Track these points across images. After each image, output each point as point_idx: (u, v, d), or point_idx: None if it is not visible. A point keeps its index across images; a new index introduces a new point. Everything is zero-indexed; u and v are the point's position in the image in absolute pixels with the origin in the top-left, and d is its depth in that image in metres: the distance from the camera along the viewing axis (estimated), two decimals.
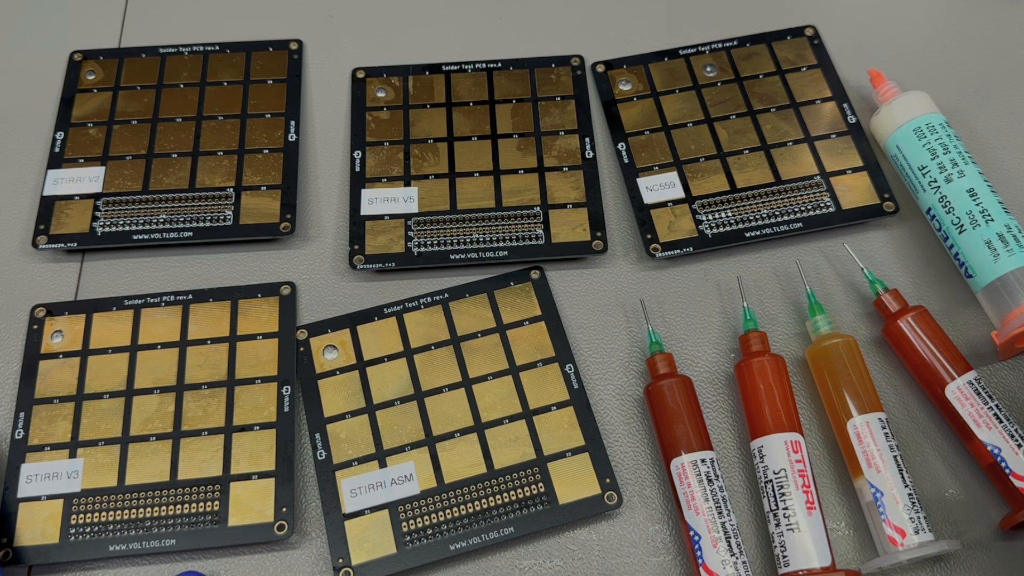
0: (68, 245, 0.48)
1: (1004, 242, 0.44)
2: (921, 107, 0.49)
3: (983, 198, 0.45)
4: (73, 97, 0.53)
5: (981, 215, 0.45)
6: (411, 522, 0.41)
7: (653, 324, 0.45)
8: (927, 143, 0.47)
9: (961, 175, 0.46)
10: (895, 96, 0.50)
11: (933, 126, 0.48)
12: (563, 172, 0.50)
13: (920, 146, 0.47)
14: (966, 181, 0.46)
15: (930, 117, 0.48)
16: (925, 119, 0.48)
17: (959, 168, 0.46)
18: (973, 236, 0.44)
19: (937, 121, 0.48)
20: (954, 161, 0.46)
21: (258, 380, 0.44)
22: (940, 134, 0.47)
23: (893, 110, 0.49)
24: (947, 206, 0.45)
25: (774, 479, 0.39)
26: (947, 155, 0.46)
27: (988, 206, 0.45)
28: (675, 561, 0.41)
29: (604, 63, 0.54)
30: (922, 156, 0.47)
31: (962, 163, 0.46)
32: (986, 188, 0.45)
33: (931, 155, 0.47)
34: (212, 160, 0.50)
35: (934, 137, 0.47)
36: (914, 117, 0.48)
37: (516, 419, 0.43)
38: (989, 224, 0.44)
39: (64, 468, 0.42)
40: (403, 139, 0.51)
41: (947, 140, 0.47)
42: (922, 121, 0.48)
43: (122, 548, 0.40)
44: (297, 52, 0.55)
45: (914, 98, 0.49)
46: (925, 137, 0.47)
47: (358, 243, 0.48)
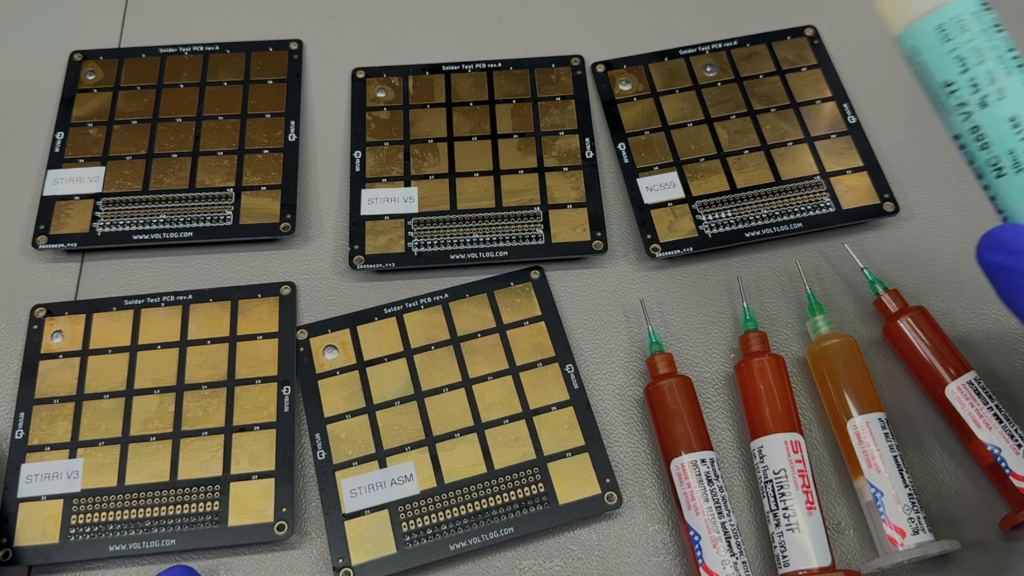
0: (68, 245, 0.48)
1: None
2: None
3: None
4: (73, 97, 0.53)
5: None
6: (411, 522, 0.41)
7: (653, 324, 0.45)
8: (954, 48, 0.34)
9: (1001, 96, 0.34)
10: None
11: (963, 20, 0.34)
12: (563, 172, 0.50)
13: (945, 52, 0.34)
14: (1007, 105, 0.34)
15: (959, 4, 0.34)
16: (952, 8, 0.34)
17: (998, 86, 0.34)
18: (1017, 183, 0.34)
19: (969, 9, 0.34)
20: (991, 75, 0.34)
21: (258, 380, 0.44)
22: (973, 30, 0.34)
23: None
24: (981, 140, 0.34)
25: (774, 479, 0.39)
26: (981, 65, 0.34)
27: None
28: (675, 561, 0.41)
29: (604, 63, 0.54)
30: (948, 67, 0.34)
31: (1003, 76, 0.34)
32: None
33: (960, 66, 0.34)
34: (212, 160, 0.50)
35: (964, 37, 0.34)
36: (938, 6, 0.34)
37: (516, 419, 0.43)
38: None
39: (64, 468, 0.42)
40: (403, 139, 0.51)
41: (983, 40, 0.34)
42: (948, 13, 0.34)
43: (122, 548, 0.40)
44: (297, 52, 0.55)
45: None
46: (951, 40, 0.34)
47: (358, 243, 0.48)
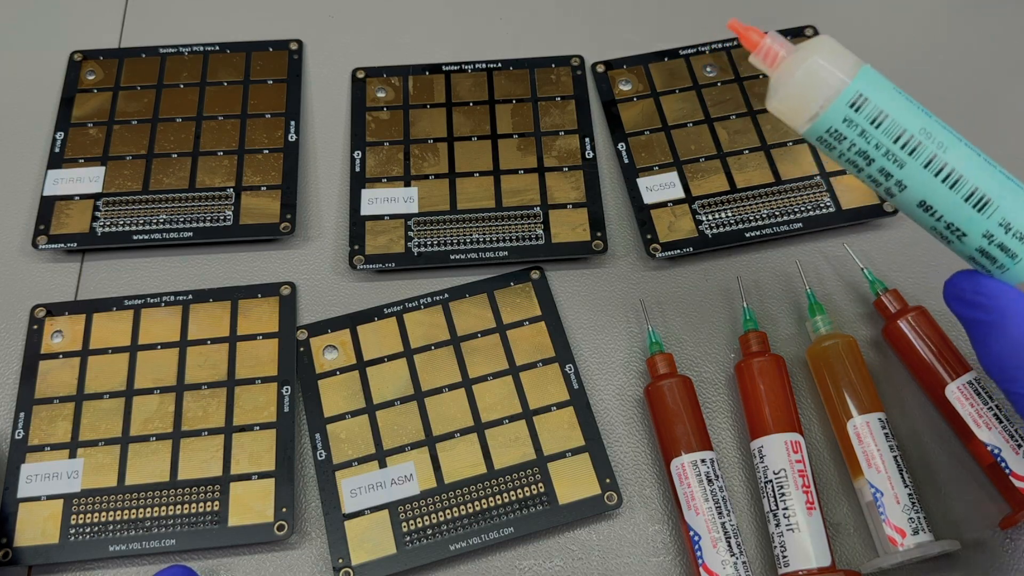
0: (68, 245, 0.48)
1: (989, 257, 0.33)
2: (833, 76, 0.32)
3: (942, 209, 0.32)
4: (73, 97, 0.53)
5: (949, 231, 0.33)
6: (411, 522, 0.41)
7: (653, 324, 0.45)
8: (840, 155, 0.33)
9: (901, 188, 0.32)
10: (787, 58, 0.33)
11: (836, 130, 0.32)
12: (563, 172, 0.50)
13: (837, 158, 0.33)
14: (911, 194, 0.32)
15: (827, 117, 0.32)
16: (822, 124, 0.32)
17: (895, 179, 0.32)
18: (954, 250, 0.34)
19: (839, 117, 0.32)
20: (884, 171, 0.32)
21: (258, 380, 0.44)
22: (850, 137, 0.32)
23: (793, 87, 0.32)
24: (911, 216, 0.34)
25: (774, 479, 0.39)
26: (872, 165, 0.32)
27: (954, 217, 0.32)
28: (675, 561, 0.40)
29: (604, 63, 0.54)
30: (848, 168, 0.33)
31: (897, 169, 0.32)
32: (942, 190, 0.32)
33: (855, 168, 0.33)
34: (212, 160, 0.50)
35: (844, 146, 0.32)
36: (809, 121, 0.32)
37: (516, 419, 0.43)
38: (963, 240, 0.33)
39: (64, 468, 0.42)
40: (403, 139, 0.51)
41: (863, 143, 0.32)
42: (820, 128, 0.32)
43: (122, 548, 0.40)
44: (297, 52, 0.55)
45: (817, 64, 0.32)
46: (835, 149, 0.32)
47: (358, 243, 0.48)
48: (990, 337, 0.35)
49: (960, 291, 0.36)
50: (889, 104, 0.32)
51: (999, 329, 0.34)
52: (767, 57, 0.33)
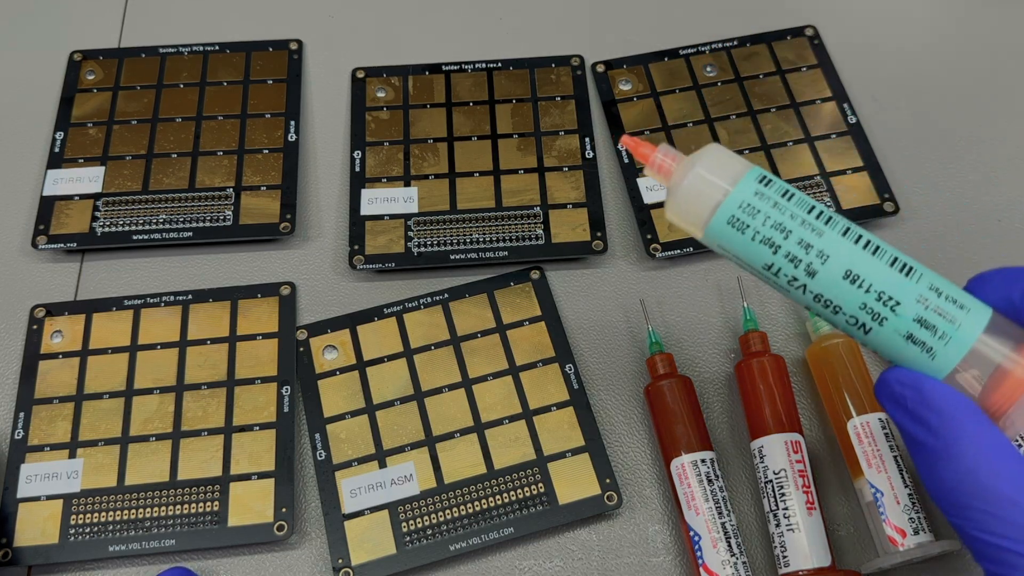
0: (68, 245, 0.48)
1: (929, 327, 0.30)
2: (723, 177, 0.31)
3: (872, 277, 0.30)
4: (73, 97, 0.53)
5: (881, 304, 0.30)
6: (411, 522, 0.41)
7: (653, 324, 0.45)
8: (755, 233, 0.31)
9: (824, 259, 0.30)
10: (674, 168, 0.33)
11: (749, 204, 0.31)
12: (563, 172, 0.50)
13: (748, 241, 0.31)
14: (833, 265, 0.30)
15: (741, 189, 0.31)
16: (733, 201, 0.31)
17: (816, 250, 0.30)
18: (884, 334, 0.30)
19: (750, 192, 0.31)
20: (804, 243, 0.30)
21: (258, 380, 0.44)
22: (764, 210, 0.31)
23: (683, 197, 0.32)
24: (829, 306, 0.31)
25: (774, 479, 0.39)
26: (789, 239, 0.31)
27: (886, 285, 0.30)
28: (675, 561, 0.40)
29: (604, 63, 0.54)
30: (760, 253, 0.31)
31: (816, 239, 0.30)
32: (865, 257, 0.30)
33: (770, 247, 0.31)
34: (212, 160, 0.50)
35: (759, 220, 0.31)
36: (716, 206, 0.31)
37: (516, 419, 0.43)
38: (897, 311, 0.30)
39: (64, 468, 0.42)
40: (403, 139, 0.51)
41: (777, 215, 0.31)
42: (731, 207, 0.31)
43: (122, 548, 0.40)
44: (297, 52, 0.55)
45: (707, 168, 0.32)
46: (748, 228, 0.31)
47: (358, 243, 0.48)
48: (939, 463, 0.29)
49: (899, 395, 0.30)
50: (791, 187, 0.32)
51: (949, 456, 0.29)
52: (660, 170, 0.33)
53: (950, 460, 0.29)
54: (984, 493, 0.29)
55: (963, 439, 0.29)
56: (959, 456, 0.29)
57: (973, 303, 0.30)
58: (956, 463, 0.29)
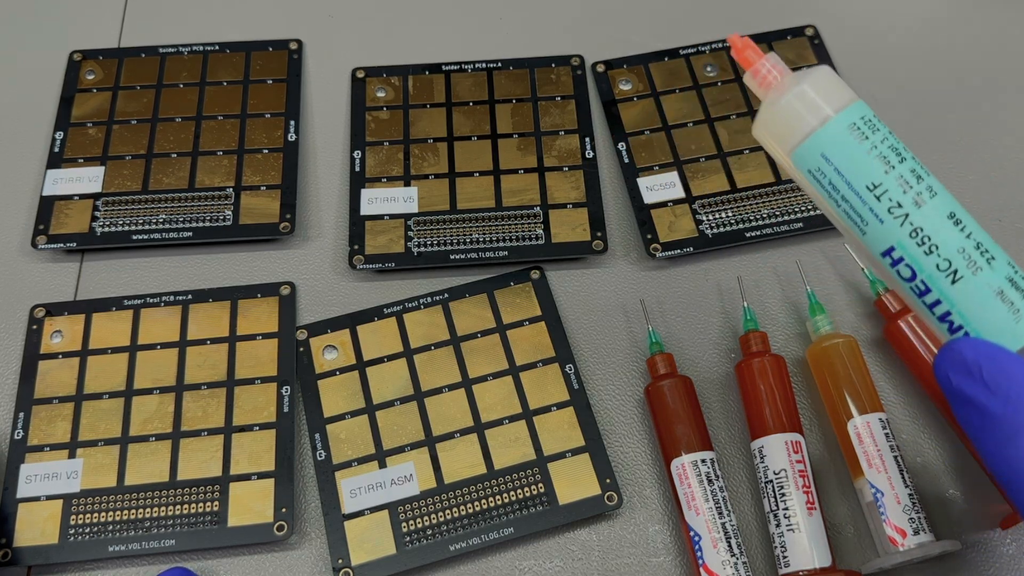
0: (67, 245, 0.48)
1: (1020, 289, 0.30)
2: (842, 92, 0.31)
3: (971, 226, 0.30)
4: (73, 97, 0.53)
5: (979, 253, 0.30)
6: (411, 522, 0.41)
7: (653, 324, 0.45)
8: (873, 146, 0.30)
9: (932, 193, 0.30)
10: (788, 78, 0.32)
11: (872, 119, 0.31)
12: (563, 172, 0.50)
13: (864, 152, 0.30)
14: (941, 202, 0.30)
15: (860, 106, 0.31)
16: (861, 107, 0.31)
17: (927, 183, 0.30)
18: (975, 286, 0.30)
19: (869, 113, 0.31)
20: (916, 173, 0.30)
21: (258, 380, 0.44)
22: (883, 130, 0.31)
23: (799, 100, 0.31)
24: (925, 243, 0.30)
25: (774, 479, 0.39)
26: (904, 163, 0.30)
27: (982, 238, 0.30)
28: (675, 562, 0.40)
29: (604, 63, 0.54)
30: (872, 168, 0.30)
31: (925, 174, 0.30)
32: (965, 212, 0.31)
33: (885, 165, 0.30)
34: (212, 160, 0.50)
35: (879, 136, 0.31)
36: (843, 107, 0.31)
37: (516, 419, 0.43)
38: (992, 265, 0.30)
39: (63, 468, 0.42)
40: (403, 139, 0.51)
41: (894, 139, 0.31)
42: (859, 111, 0.31)
43: (121, 548, 0.40)
44: (297, 52, 0.55)
45: (824, 78, 0.31)
46: (868, 138, 0.30)
47: (358, 243, 0.48)
48: (1017, 437, 0.28)
49: (972, 364, 0.29)
50: None
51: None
52: (762, 82, 0.32)
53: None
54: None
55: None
56: None
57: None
58: None
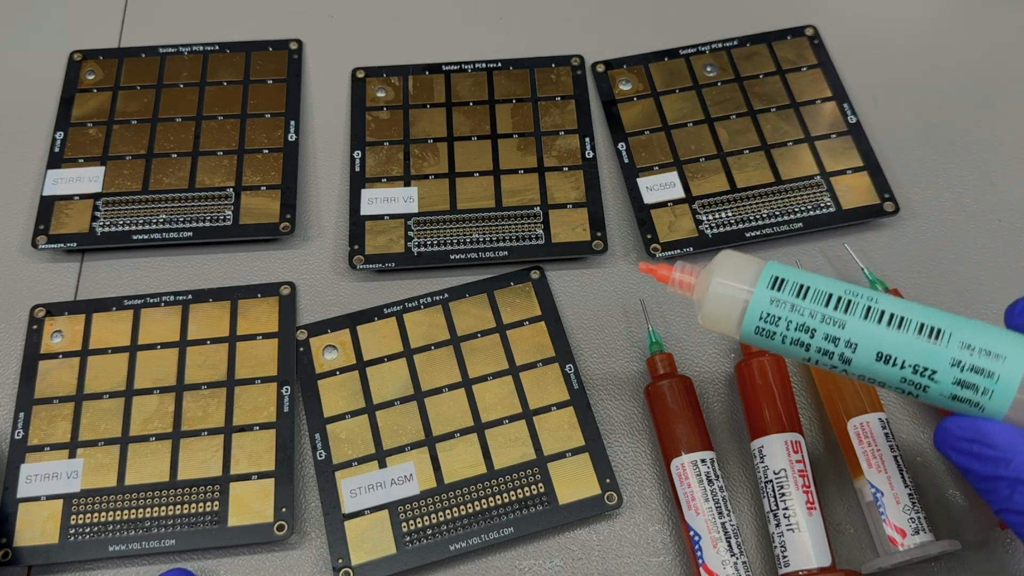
0: (68, 245, 0.48)
1: (970, 387, 0.31)
2: (741, 282, 0.34)
3: (903, 352, 0.31)
4: (73, 97, 0.53)
5: (919, 375, 0.31)
6: (411, 522, 0.41)
7: (653, 324, 0.45)
8: (783, 338, 0.33)
9: (853, 348, 0.32)
10: (694, 282, 0.35)
11: (767, 313, 0.33)
12: (563, 172, 0.50)
13: (779, 345, 0.33)
14: (864, 352, 0.32)
15: (758, 299, 0.33)
16: (752, 313, 0.33)
17: (844, 341, 0.32)
18: (932, 399, 0.32)
19: (766, 299, 0.33)
20: (830, 338, 0.32)
21: (258, 380, 0.44)
22: (784, 315, 0.33)
23: (711, 309, 0.34)
24: (875, 382, 0.33)
25: (774, 479, 0.39)
26: (815, 337, 0.32)
27: (918, 358, 0.31)
28: (675, 561, 0.40)
29: (604, 63, 0.54)
30: (795, 352, 0.33)
31: (840, 331, 0.32)
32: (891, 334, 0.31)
33: (801, 347, 0.33)
34: (212, 160, 0.50)
35: (781, 327, 0.33)
36: (744, 306, 0.33)
37: (516, 419, 0.43)
38: (936, 379, 0.31)
39: (64, 468, 0.42)
40: (403, 139, 0.51)
41: (797, 317, 0.32)
42: (754, 316, 0.33)
43: (122, 548, 0.40)
44: (297, 52, 0.55)
45: (724, 277, 0.34)
46: (775, 335, 0.33)
47: (358, 243, 0.48)
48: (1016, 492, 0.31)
49: (956, 440, 0.32)
50: (806, 279, 0.33)
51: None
52: (681, 287, 0.36)
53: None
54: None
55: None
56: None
57: (1011, 346, 0.31)
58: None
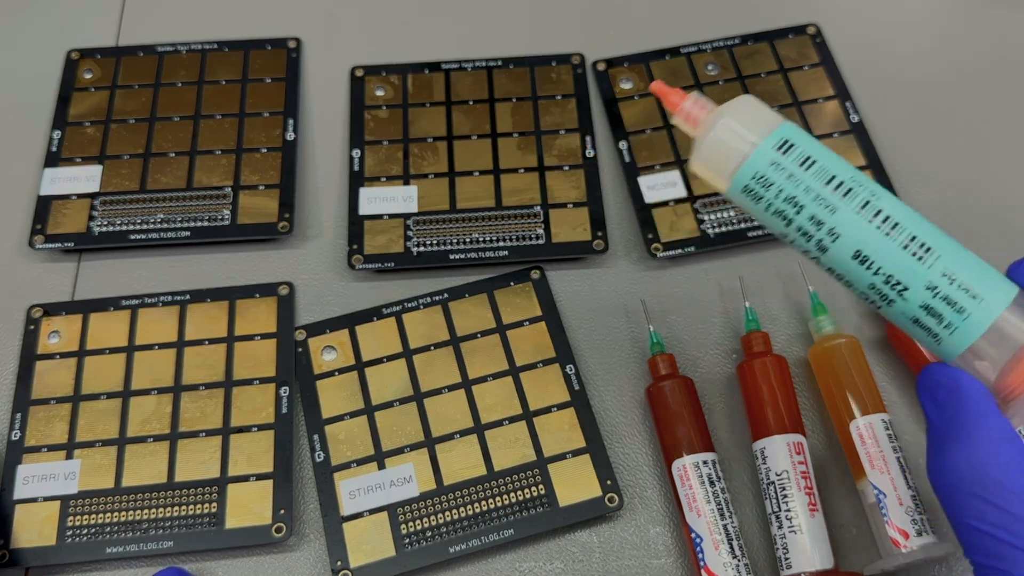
0: (65, 245, 0.47)
1: (935, 315, 0.30)
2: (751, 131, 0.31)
3: (881, 259, 0.30)
4: (70, 96, 0.52)
5: (889, 287, 0.30)
6: (410, 524, 0.40)
7: (654, 324, 0.45)
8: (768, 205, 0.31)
9: (834, 237, 0.30)
10: (713, 114, 0.32)
11: (763, 175, 0.31)
12: (564, 171, 0.49)
13: (763, 210, 0.31)
14: (844, 244, 0.30)
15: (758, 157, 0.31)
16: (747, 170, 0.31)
17: (827, 227, 0.30)
18: (893, 315, 0.31)
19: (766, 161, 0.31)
20: (815, 219, 0.30)
21: (256, 381, 0.44)
22: (777, 181, 0.31)
23: (709, 149, 0.32)
24: (842, 279, 0.31)
25: (776, 481, 0.39)
26: (801, 213, 0.31)
27: (895, 268, 0.30)
28: (676, 563, 0.40)
29: (605, 61, 0.53)
30: (774, 222, 0.32)
31: (828, 215, 0.30)
32: (878, 237, 0.30)
33: (782, 219, 0.31)
34: (210, 159, 0.50)
35: (772, 192, 0.31)
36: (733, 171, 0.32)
37: (516, 420, 0.43)
38: (905, 296, 0.30)
39: (61, 469, 0.42)
40: (402, 138, 0.51)
41: (791, 187, 0.31)
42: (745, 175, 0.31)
43: (119, 550, 0.40)
44: (295, 50, 0.54)
45: (736, 119, 0.32)
46: (762, 199, 0.31)
47: (357, 243, 0.47)
48: (944, 445, 0.29)
49: (923, 378, 0.31)
50: (816, 151, 0.31)
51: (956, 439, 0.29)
52: (688, 119, 0.33)
53: (957, 443, 0.29)
54: (986, 481, 0.28)
55: (971, 422, 0.29)
56: (966, 439, 0.29)
57: (993, 289, 0.30)
58: (962, 446, 0.29)
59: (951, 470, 0.29)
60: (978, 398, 0.29)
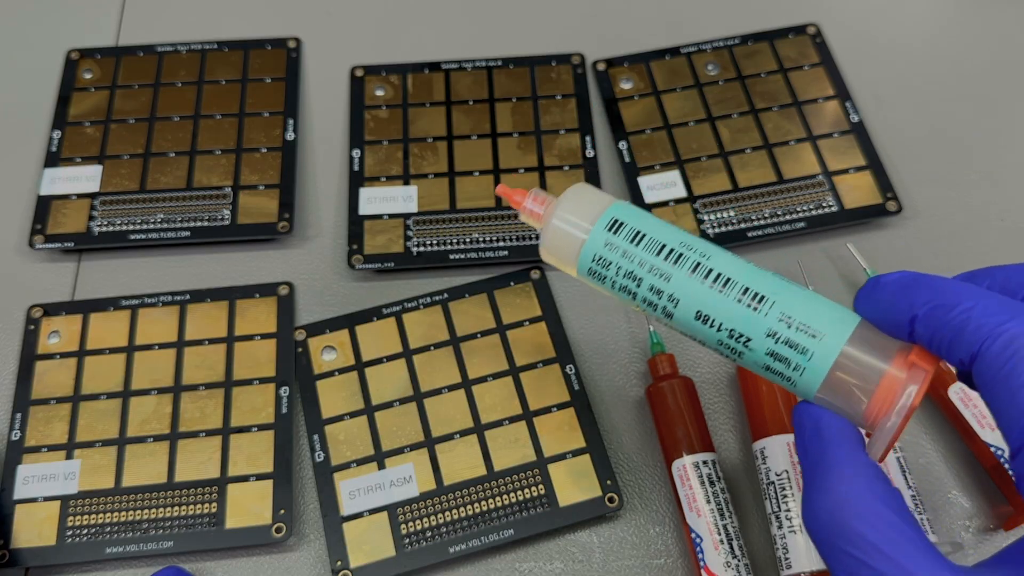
0: (65, 245, 0.47)
1: (782, 360, 0.30)
2: (582, 219, 0.33)
3: (721, 315, 0.30)
4: (70, 96, 0.52)
5: (734, 340, 0.30)
6: (410, 524, 0.40)
7: (654, 324, 0.45)
8: (613, 283, 0.32)
9: (675, 303, 0.31)
10: (551, 206, 0.34)
11: (601, 257, 0.32)
12: (564, 171, 0.49)
13: (609, 290, 0.33)
14: (685, 308, 0.31)
15: (593, 241, 0.32)
16: (585, 257, 0.33)
17: (667, 294, 0.31)
18: (749, 365, 0.31)
19: (601, 241, 0.32)
20: (654, 289, 0.31)
21: (256, 381, 0.44)
22: (615, 260, 0.32)
23: (550, 241, 0.33)
24: (699, 341, 0.32)
25: (776, 481, 0.39)
26: (642, 286, 0.32)
27: (735, 322, 0.30)
28: (676, 564, 0.40)
29: (605, 61, 0.53)
30: (623, 298, 0.32)
31: (665, 284, 0.31)
32: (713, 295, 0.30)
33: (628, 295, 0.32)
34: (209, 159, 0.50)
35: (612, 271, 0.32)
36: (573, 261, 0.33)
37: (516, 420, 0.43)
38: (750, 346, 0.30)
39: (61, 470, 0.42)
40: (402, 138, 0.51)
41: (627, 263, 0.32)
42: (585, 262, 0.33)
43: (119, 550, 0.40)
44: (295, 50, 0.54)
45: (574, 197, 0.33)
46: (606, 279, 0.32)
47: (357, 243, 0.47)
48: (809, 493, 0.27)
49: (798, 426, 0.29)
50: (645, 224, 0.32)
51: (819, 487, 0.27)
52: (531, 216, 0.35)
53: (822, 491, 0.26)
54: (849, 534, 0.25)
55: (832, 467, 0.27)
56: (828, 487, 0.26)
57: (832, 325, 0.29)
58: (828, 494, 0.26)
59: (816, 519, 0.26)
60: (839, 438, 0.27)
